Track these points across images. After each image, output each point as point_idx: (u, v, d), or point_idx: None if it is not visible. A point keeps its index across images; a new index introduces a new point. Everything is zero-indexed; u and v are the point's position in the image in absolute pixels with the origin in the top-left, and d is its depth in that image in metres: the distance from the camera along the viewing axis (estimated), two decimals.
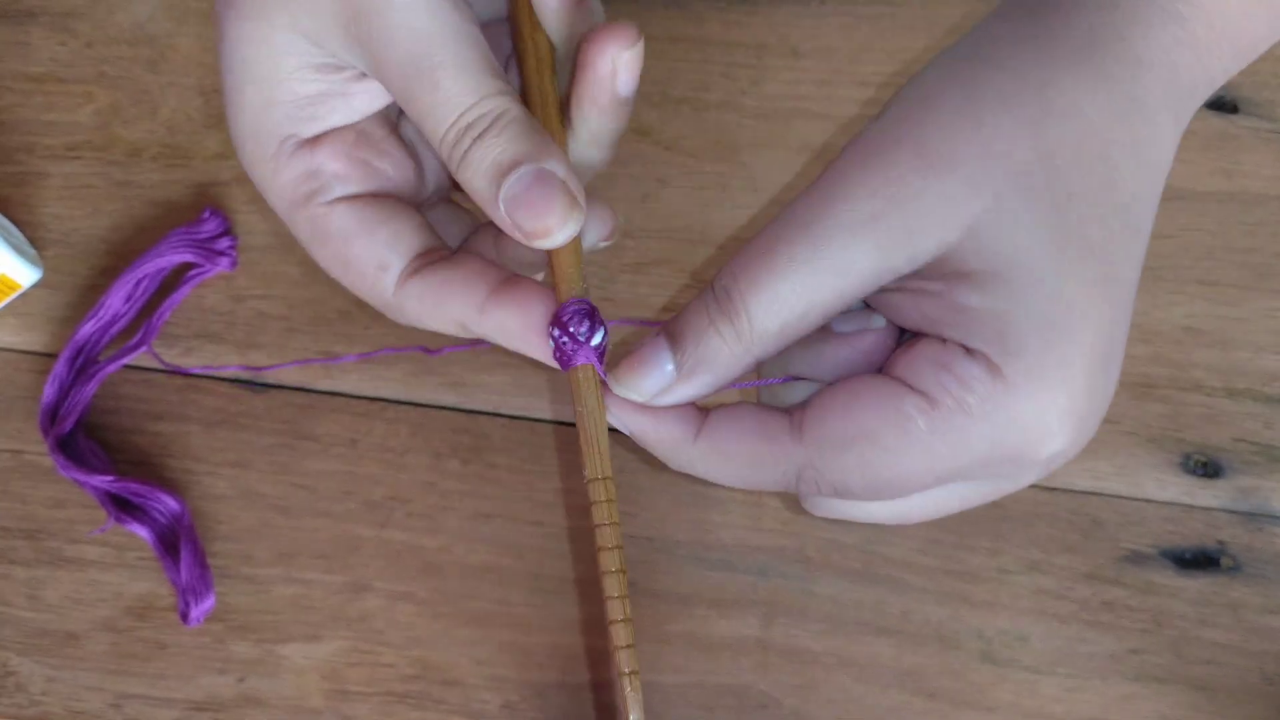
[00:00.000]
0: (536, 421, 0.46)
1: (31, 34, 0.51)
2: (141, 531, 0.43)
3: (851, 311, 0.32)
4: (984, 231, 0.28)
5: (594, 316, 0.32)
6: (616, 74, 0.33)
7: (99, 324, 0.46)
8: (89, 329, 0.46)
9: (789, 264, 0.30)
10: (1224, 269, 0.47)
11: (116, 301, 0.46)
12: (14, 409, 0.46)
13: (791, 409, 0.31)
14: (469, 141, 0.31)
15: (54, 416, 0.45)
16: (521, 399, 0.46)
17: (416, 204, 0.37)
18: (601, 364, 0.32)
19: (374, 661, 0.43)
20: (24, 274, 0.47)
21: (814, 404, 0.31)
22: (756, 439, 0.31)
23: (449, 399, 0.46)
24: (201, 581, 0.43)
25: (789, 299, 0.30)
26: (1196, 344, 0.46)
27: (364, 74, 0.33)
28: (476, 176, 0.31)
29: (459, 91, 0.31)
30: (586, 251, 0.34)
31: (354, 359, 0.46)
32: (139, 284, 0.47)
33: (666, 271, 0.47)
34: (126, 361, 0.46)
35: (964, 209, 0.28)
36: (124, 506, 0.44)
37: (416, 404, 0.46)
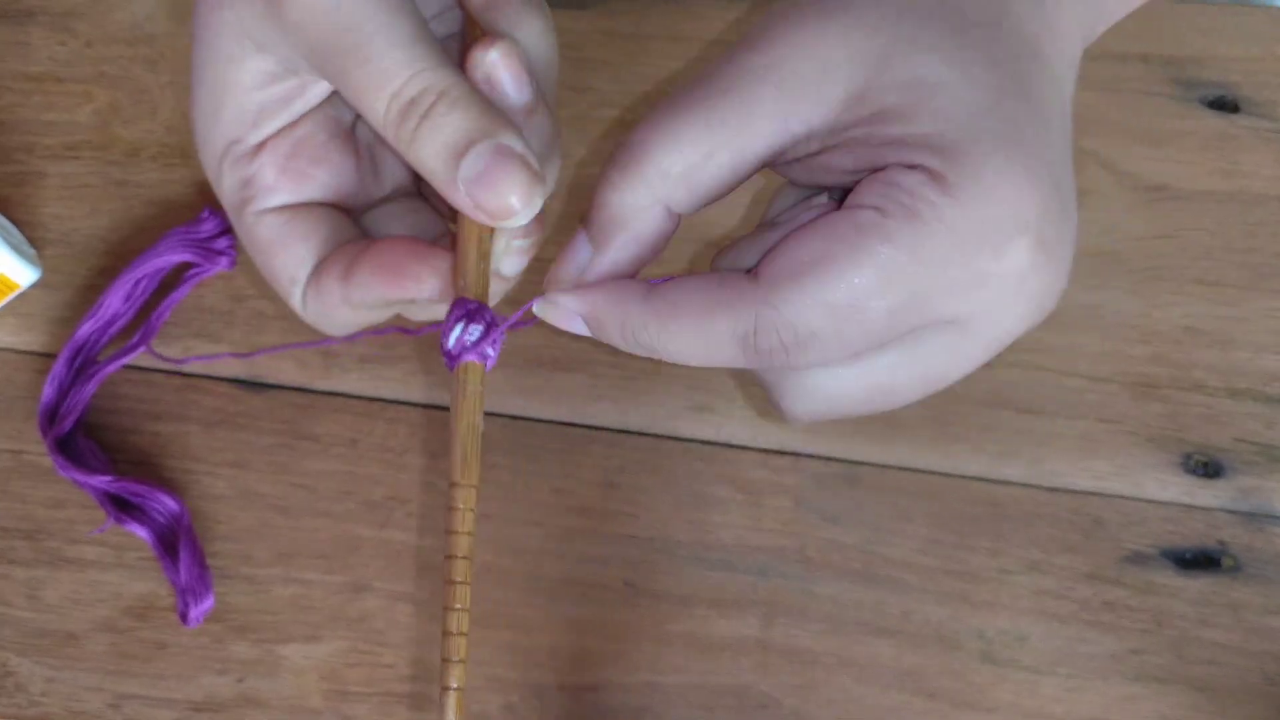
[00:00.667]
0: (535, 422, 0.46)
1: (31, 33, 0.51)
2: (141, 532, 0.43)
3: (795, 204, 0.32)
4: (892, 63, 0.28)
5: (480, 316, 0.31)
6: (494, 84, 0.31)
7: (98, 324, 0.46)
8: (88, 329, 0.46)
9: (690, 107, 0.29)
10: (1224, 269, 0.47)
11: (115, 301, 0.46)
12: (13, 409, 0.46)
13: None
14: (415, 120, 0.30)
15: (53, 416, 0.45)
16: (520, 399, 0.46)
17: (366, 205, 0.36)
18: (490, 362, 0.32)
19: (373, 662, 0.43)
20: (23, 274, 0.47)
21: (769, 251, 0.30)
22: (710, 287, 0.30)
23: (448, 399, 0.46)
24: (201, 582, 0.43)
25: (691, 137, 0.29)
26: (1197, 344, 0.46)
27: (310, 80, 0.33)
28: (430, 158, 0.30)
29: (392, 65, 0.30)
30: (513, 257, 0.33)
31: (294, 346, 0.46)
32: (138, 284, 0.46)
33: (662, 270, 0.47)
34: (126, 361, 0.46)
35: (865, 45, 0.28)
36: (123, 507, 0.44)
37: (416, 404, 0.46)
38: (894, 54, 0.28)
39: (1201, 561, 0.44)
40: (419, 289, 0.32)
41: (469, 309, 0.31)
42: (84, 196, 0.49)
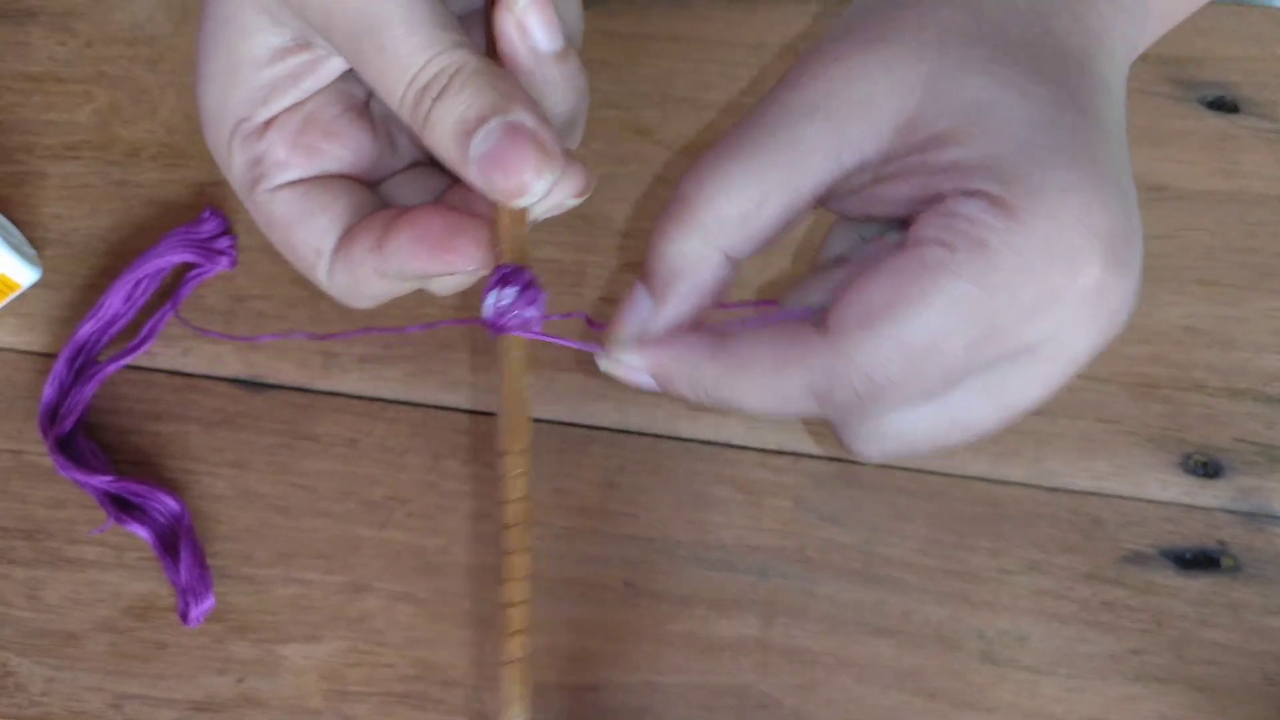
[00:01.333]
0: (535, 421, 0.46)
1: (31, 33, 0.51)
2: (141, 532, 0.43)
3: (851, 239, 0.31)
4: (940, 87, 0.28)
5: (528, 281, 0.31)
6: (526, 32, 0.31)
7: (99, 324, 0.46)
8: (89, 329, 0.46)
9: (739, 151, 0.29)
10: (1224, 269, 0.47)
11: (116, 301, 0.46)
12: (13, 409, 0.46)
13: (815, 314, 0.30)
14: (429, 102, 0.30)
15: (54, 416, 0.45)
16: None
17: (383, 177, 0.36)
18: (536, 331, 0.31)
19: (373, 662, 0.43)
20: (23, 274, 0.47)
21: (837, 297, 0.29)
22: (779, 341, 0.29)
23: (449, 399, 0.46)
24: (201, 582, 0.43)
25: (743, 183, 0.29)
26: (1197, 344, 0.46)
27: (323, 56, 0.32)
28: (443, 138, 0.30)
29: (409, 50, 0.30)
30: (555, 211, 0.33)
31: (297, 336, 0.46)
32: (139, 284, 0.47)
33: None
34: (126, 362, 0.46)
35: (913, 72, 0.28)
36: (123, 507, 0.44)
37: (416, 404, 0.46)
38: (941, 78, 0.28)
39: (1201, 561, 0.44)
40: (462, 261, 0.32)
41: (504, 273, 0.31)
42: (84, 196, 0.49)
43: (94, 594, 0.44)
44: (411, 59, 0.30)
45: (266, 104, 0.33)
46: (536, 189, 0.30)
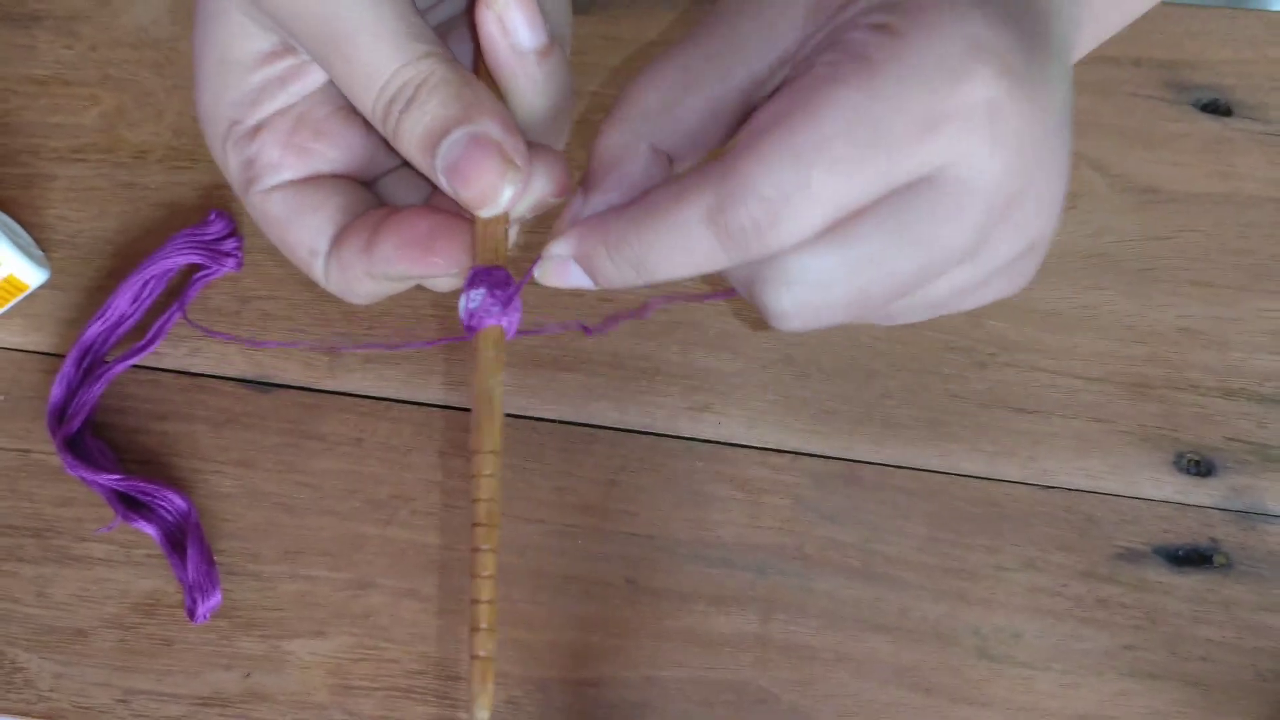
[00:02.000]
0: (537, 421, 0.46)
1: (37, 37, 0.52)
2: (148, 529, 0.44)
3: None
4: None
5: (500, 282, 0.31)
6: (507, 29, 0.31)
7: (106, 325, 0.46)
8: (96, 329, 0.46)
9: (669, 52, 0.30)
10: (1219, 270, 0.47)
11: (123, 302, 0.47)
12: (22, 408, 0.47)
13: None
14: (397, 113, 0.30)
15: (61, 416, 0.45)
16: (522, 399, 0.46)
17: (377, 175, 0.36)
18: (510, 326, 0.31)
19: (378, 657, 0.44)
20: (31, 275, 0.47)
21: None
22: (679, 179, 0.29)
23: (452, 398, 0.47)
24: (208, 579, 0.43)
25: (669, 76, 0.29)
26: (1191, 344, 0.47)
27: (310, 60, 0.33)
28: (411, 149, 0.30)
29: (376, 61, 0.30)
30: (539, 209, 0.33)
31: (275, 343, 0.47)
32: (145, 285, 0.47)
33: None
34: (134, 362, 0.46)
35: None
36: (131, 505, 0.44)
37: (420, 403, 0.47)
38: None
39: (1194, 559, 0.44)
40: (445, 264, 0.32)
41: (477, 274, 0.31)
42: (91, 199, 0.50)
43: (102, 591, 0.45)
44: (378, 69, 0.30)
45: (257, 106, 0.33)
46: (502, 198, 0.30)
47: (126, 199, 0.49)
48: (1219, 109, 0.49)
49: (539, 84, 0.32)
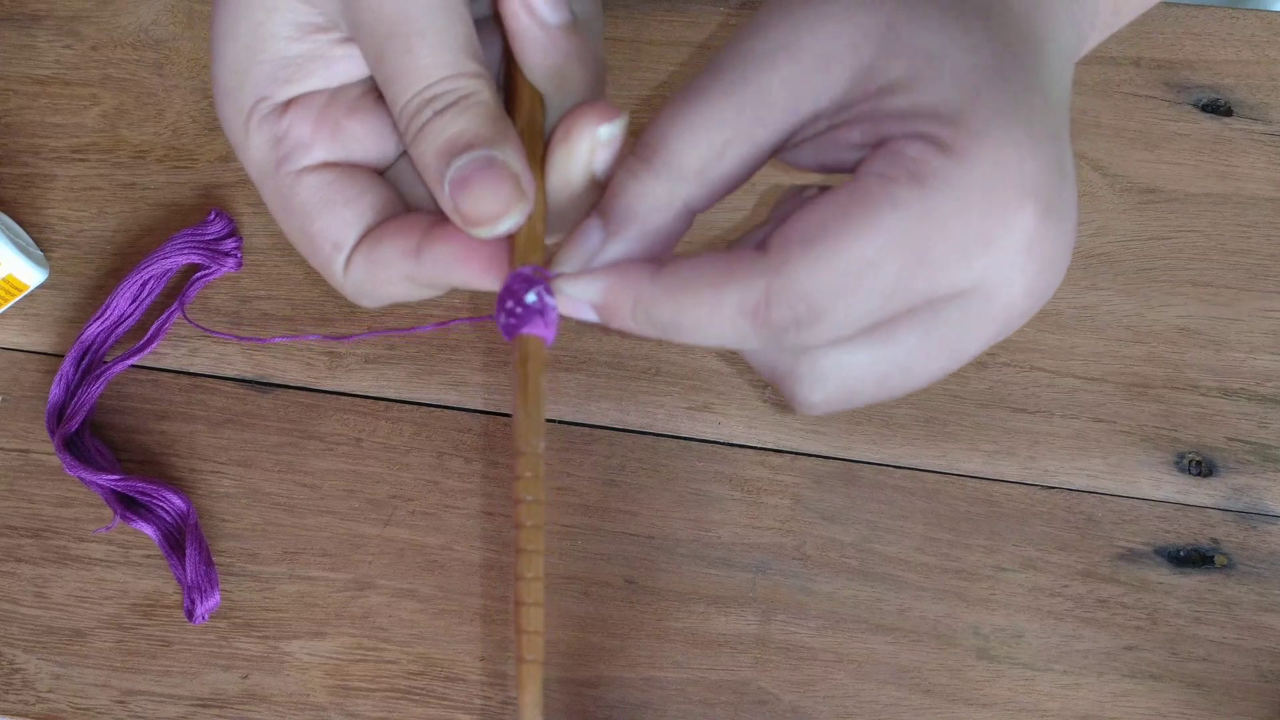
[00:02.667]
0: None
1: (37, 37, 0.52)
2: (147, 530, 0.44)
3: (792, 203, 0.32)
4: (896, 36, 0.29)
5: (544, 286, 0.31)
6: (597, 150, 0.31)
7: (105, 324, 0.46)
8: (95, 329, 0.46)
9: (702, 98, 0.29)
10: (1218, 270, 0.47)
11: (123, 302, 0.47)
12: (21, 408, 0.47)
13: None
14: (429, 114, 0.30)
15: (60, 416, 0.45)
16: None
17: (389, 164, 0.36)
18: (551, 334, 0.31)
19: (377, 658, 0.44)
20: (31, 275, 0.47)
21: (778, 224, 0.29)
22: (720, 260, 0.29)
23: (451, 398, 0.47)
24: (207, 579, 0.43)
25: (704, 131, 0.29)
26: (1191, 344, 0.47)
27: (349, 38, 0.32)
28: (428, 150, 0.31)
29: (432, 63, 0.30)
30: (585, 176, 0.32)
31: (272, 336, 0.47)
32: (145, 285, 0.47)
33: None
34: (133, 362, 0.46)
35: (871, 20, 0.29)
36: (130, 505, 0.44)
37: (419, 403, 0.47)
38: (897, 28, 0.29)
39: (1195, 559, 0.44)
40: (503, 280, 0.32)
41: (521, 277, 0.31)
42: (91, 198, 0.50)
43: (100, 591, 0.45)
44: (431, 71, 0.31)
45: (290, 83, 0.33)
46: (499, 225, 0.31)
47: (126, 199, 0.49)
48: (1219, 109, 0.49)
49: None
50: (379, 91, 0.34)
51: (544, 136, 0.33)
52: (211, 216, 0.48)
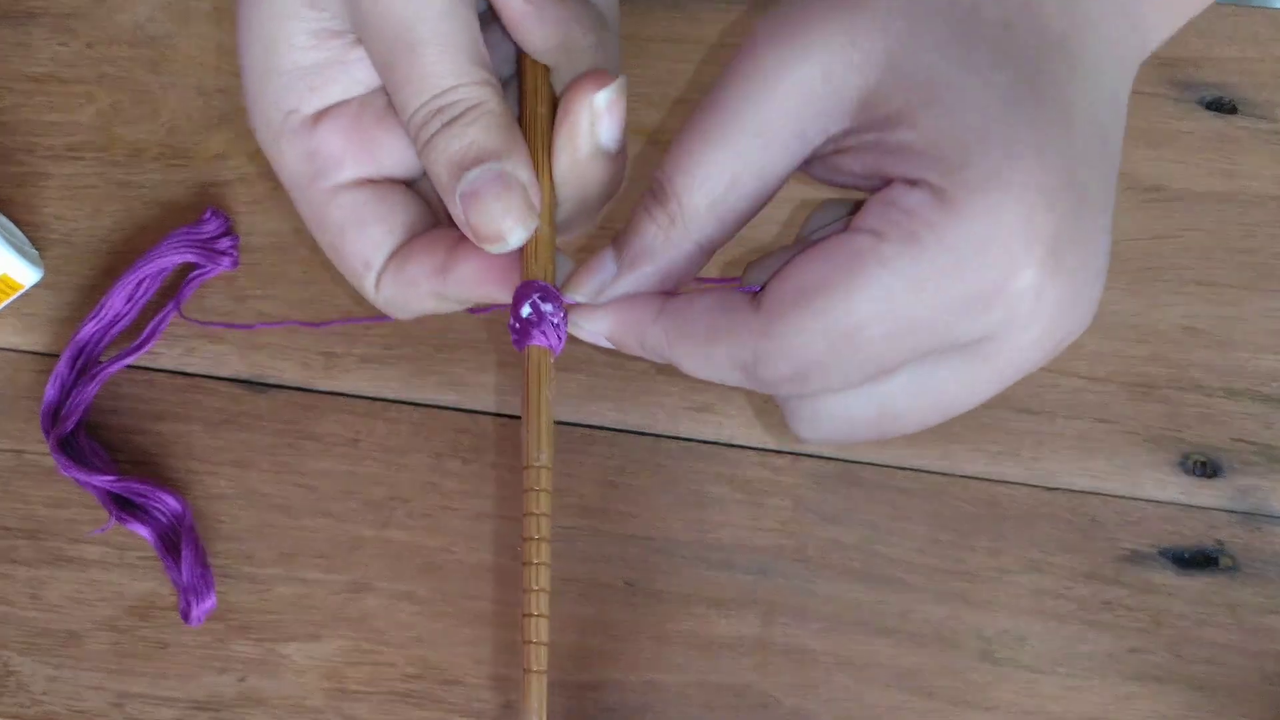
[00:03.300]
0: None
1: (32, 34, 0.52)
2: (143, 531, 0.44)
3: (829, 220, 0.31)
4: (900, 64, 0.27)
5: (553, 298, 0.32)
6: (597, 120, 0.31)
7: (100, 324, 0.46)
8: (90, 329, 0.46)
9: (706, 136, 0.29)
10: (1223, 269, 0.47)
11: (118, 302, 0.46)
12: (15, 409, 0.47)
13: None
14: (438, 125, 0.31)
15: (56, 416, 0.45)
16: (520, 399, 0.46)
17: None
18: (559, 346, 0.32)
19: (375, 661, 0.43)
20: (25, 274, 0.47)
21: (773, 276, 0.29)
22: (715, 313, 0.30)
23: (450, 399, 0.46)
24: (203, 581, 0.43)
25: (711, 170, 0.29)
26: (1195, 344, 0.46)
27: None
28: (439, 163, 0.31)
29: (440, 71, 0.30)
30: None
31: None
32: (140, 284, 0.47)
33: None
34: (129, 362, 0.46)
35: (876, 45, 0.27)
36: (125, 506, 0.44)
37: (417, 404, 0.46)
38: (903, 55, 0.27)
39: (1199, 561, 0.44)
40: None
41: (532, 288, 0.32)
42: (86, 197, 0.49)
43: (96, 593, 0.44)
44: (439, 79, 0.30)
45: (314, 92, 0.33)
46: (509, 239, 0.31)
47: (121, 197, 0.49)
48: (1224, 107, 0.49)
49: (595, 189, 0.33)
50: None
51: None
52: (207, 215, 0.47)
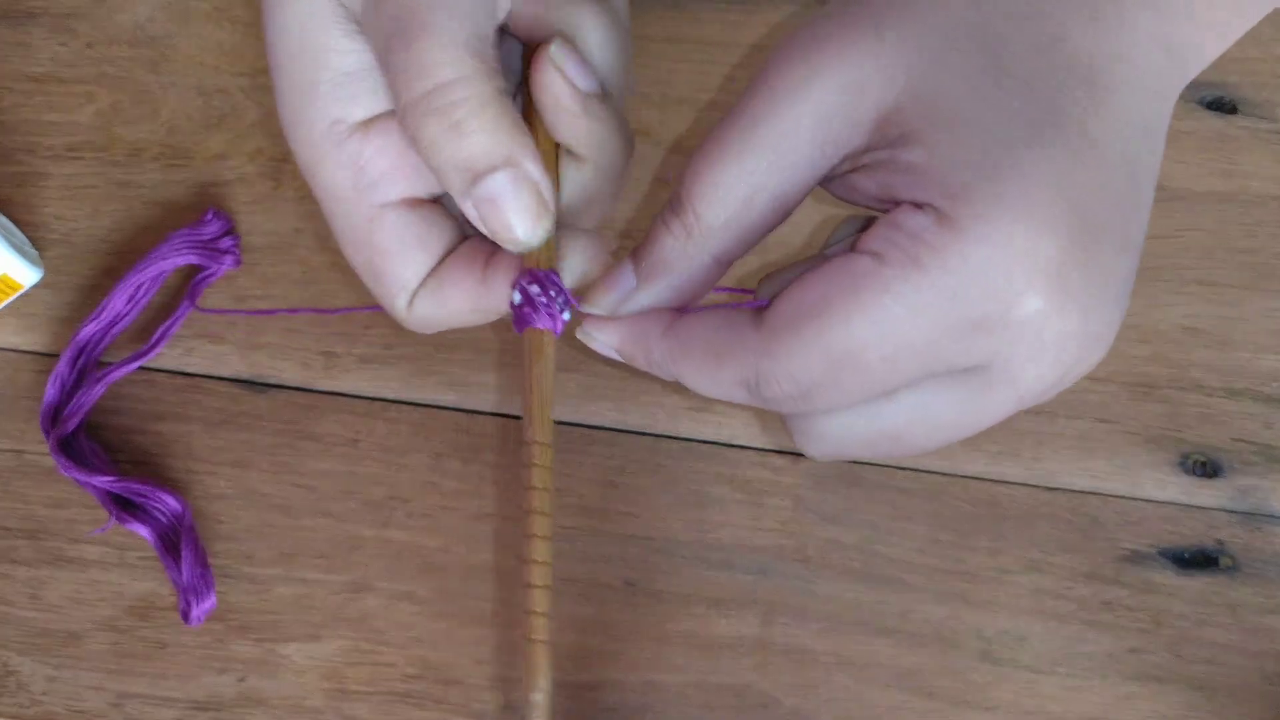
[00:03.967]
0: None
1: (32, 34, 0.52)
2: (143, 531, 0.43)
3: (844, 236, 0.31)
4: (921, 86, 0.27)
5: (554, 284, 0.32)
6: (564, 70, 0.31)
7: (101, 325, 0.46)
8: (91, 329, 0.46)
9: (724, 151, 0.29)
10: (1223, 269, 0.47)
11: (119, 302, 0.46)
12: (15, 409, 0.47)
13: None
14: (443, 125, 0.30)
15: (55, 416, 0.45)
16: (520, 399, 0.46)
17: None
18: (558, 328, 0.33)
19: (375, 661, 0.43)
20: (25, 274, 0.47)
21: (778, 295, 0.29)
22: (719, 332, 0.30)
23: (450, 398, 0.46)
24: (202, 581, 0.43)
25: (729, 185, 0.29)
26: (1196, 344, 0.46)
27: None
28: (446, 168, 0.31)
29: (437, 61, 0.30)
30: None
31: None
32: (141, 285, 0.47)
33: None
34: (135, 367, 0.46)
35: (898, 65, 0.27)
36: (125, 506, 0.44)
37: (417, 404, 0.46)
38: (924, 78, 0.27)
39: (1200, 561, 0.44)
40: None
41: (527, 274, 0.33)
42: (86, 197, 0.49)
43: (95, 593, 0.44)
44: (436, 70, 0.30)
45: (357, 100, 0.32)
46: (528, 241, 0.31)
47: (122, 198, 0.49)
48: (1224, 106, 0.49)
49: (599, 142, 0.33)
50: None
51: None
52: (208, 216, 0.47)
